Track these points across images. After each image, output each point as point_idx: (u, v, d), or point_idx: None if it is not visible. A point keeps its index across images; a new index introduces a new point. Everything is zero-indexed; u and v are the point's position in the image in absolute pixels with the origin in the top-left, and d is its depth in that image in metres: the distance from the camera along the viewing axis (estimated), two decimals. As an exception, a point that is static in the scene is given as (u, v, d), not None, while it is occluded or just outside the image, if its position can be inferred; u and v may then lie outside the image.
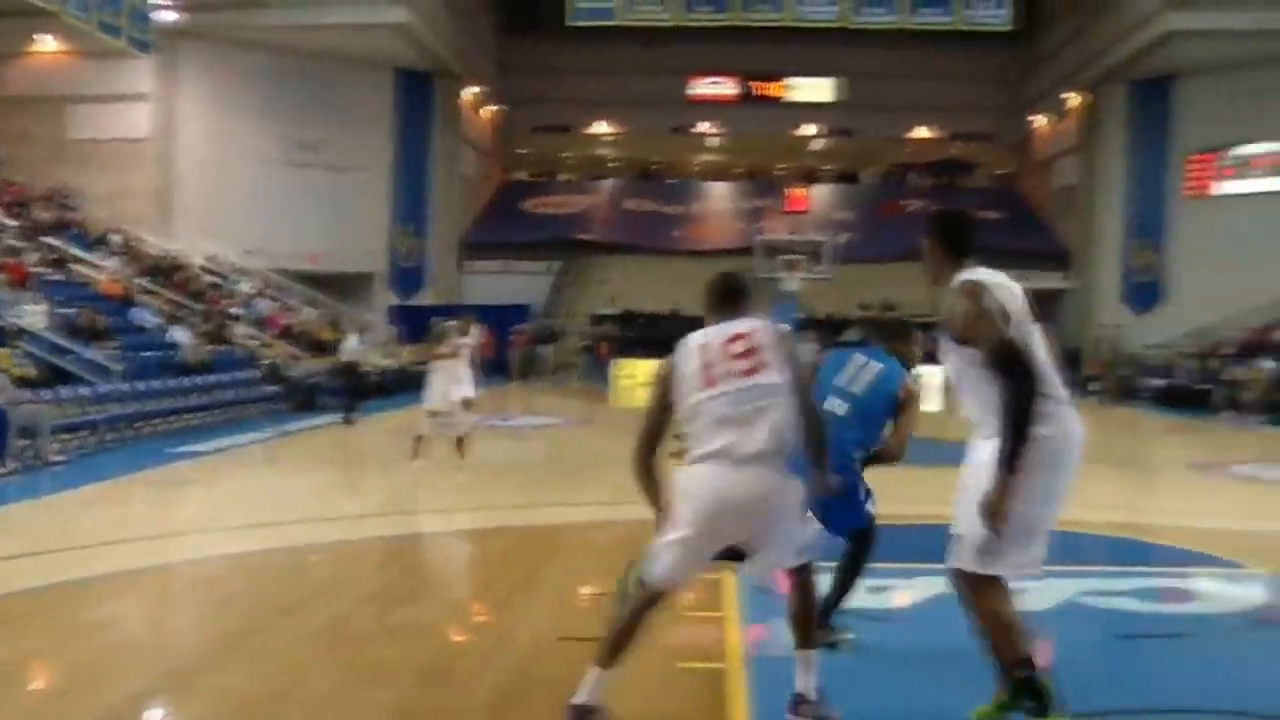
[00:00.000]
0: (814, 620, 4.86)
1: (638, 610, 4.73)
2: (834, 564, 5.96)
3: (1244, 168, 35.26)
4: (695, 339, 4.80)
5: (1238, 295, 32.10)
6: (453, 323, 14.19)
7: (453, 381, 13.50)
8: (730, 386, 4.59)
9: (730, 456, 4.55)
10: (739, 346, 4.65)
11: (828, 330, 36.47)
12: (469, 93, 41.19)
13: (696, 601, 7.40)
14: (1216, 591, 8.02)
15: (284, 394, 22.85)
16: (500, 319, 30.86)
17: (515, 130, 47.37)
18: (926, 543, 9.01)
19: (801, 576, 4.80)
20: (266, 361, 24.26)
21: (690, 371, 4.71)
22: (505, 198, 45.69)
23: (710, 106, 48.18)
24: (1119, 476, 13.74)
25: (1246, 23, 30.95)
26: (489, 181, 45.56)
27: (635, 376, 33.25)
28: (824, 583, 5.33)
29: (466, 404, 13.74)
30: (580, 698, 4.60)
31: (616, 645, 4.68)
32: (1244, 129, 34.58)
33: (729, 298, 4.90)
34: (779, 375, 4.59)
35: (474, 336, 14.33)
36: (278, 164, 34.63)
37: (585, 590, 7.80)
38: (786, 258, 31.96)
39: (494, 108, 44.92)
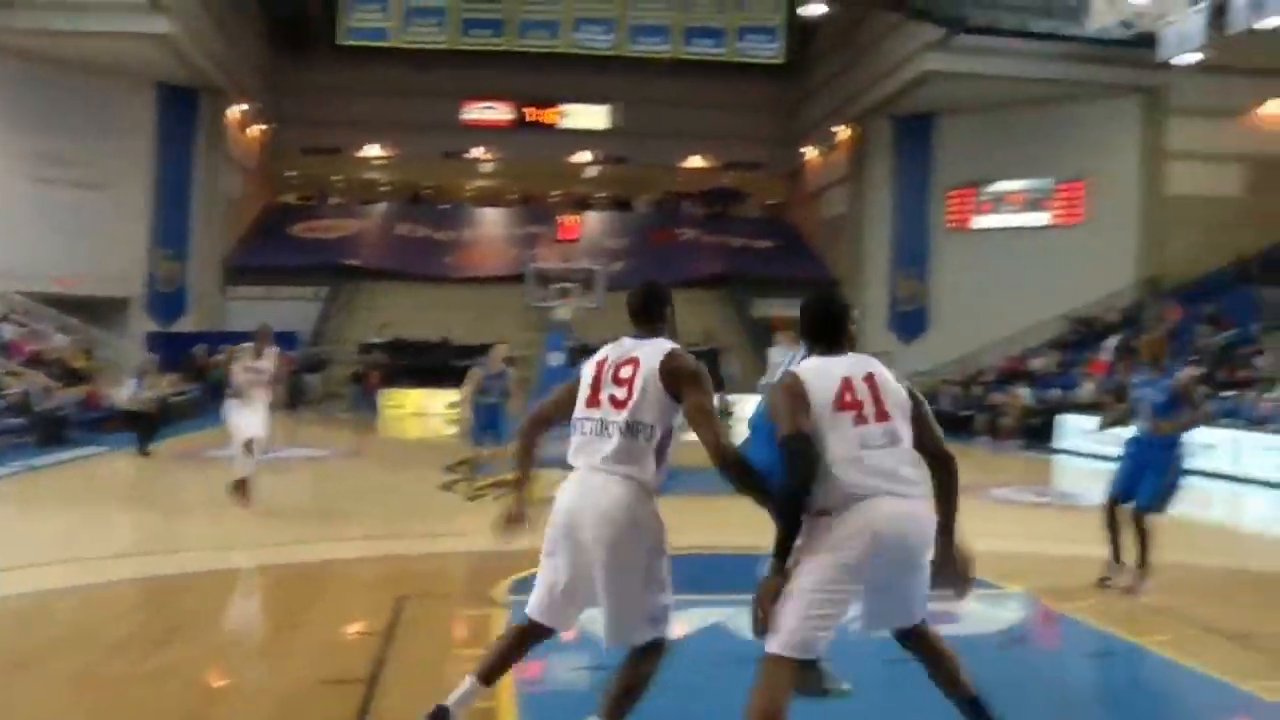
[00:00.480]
0: (630, 707, 4.61)
1: (508, 640, 4.76)
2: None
3: (999, 203, 37.26)
4: (603, 350, 4.74)
5: (996, 324, 33.94)
6: (246, 345, 12.69)
7: (246, 411, 12.32)
8: (606, 414, 4.56)
9: (589, 468, 4.55)
10: (626, 372, 4.58)
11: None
12: (235, 110, 40.04)
13: (464, 638, 7.32)
14: (977, 612, 8.36)
15: (29, 426, 21.66)
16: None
17: (284, 151, 46.31)
18: (702, 572, 9.12)
19: (644, 654, 4.60)
20: (14, 391, 22.95)
21: (584, 382, 4.68)
22: (272, 220, 44.58)
23: (484, 131, 48.08)
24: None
25: (997, 68, 32.77)
26: (255, 203, 44.32)
27: (404, 406, 32.92)
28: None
29: (249, 447, 12.40)
30: (450, 700, 4.55)
31: (491, 666, 4.67)
32: (998, 166, 36.60)
33: (642, 312, 4.80)
34: (651, 411, 4.52)
35: (271, 361, 12.62)
36: (23, 178, 32.75)
37: (352, 629, 7.60)
38: (558, 286, 32.12)
39: (262, 127, 43.82)
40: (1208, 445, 18.16)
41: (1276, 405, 20.87)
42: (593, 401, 4.61)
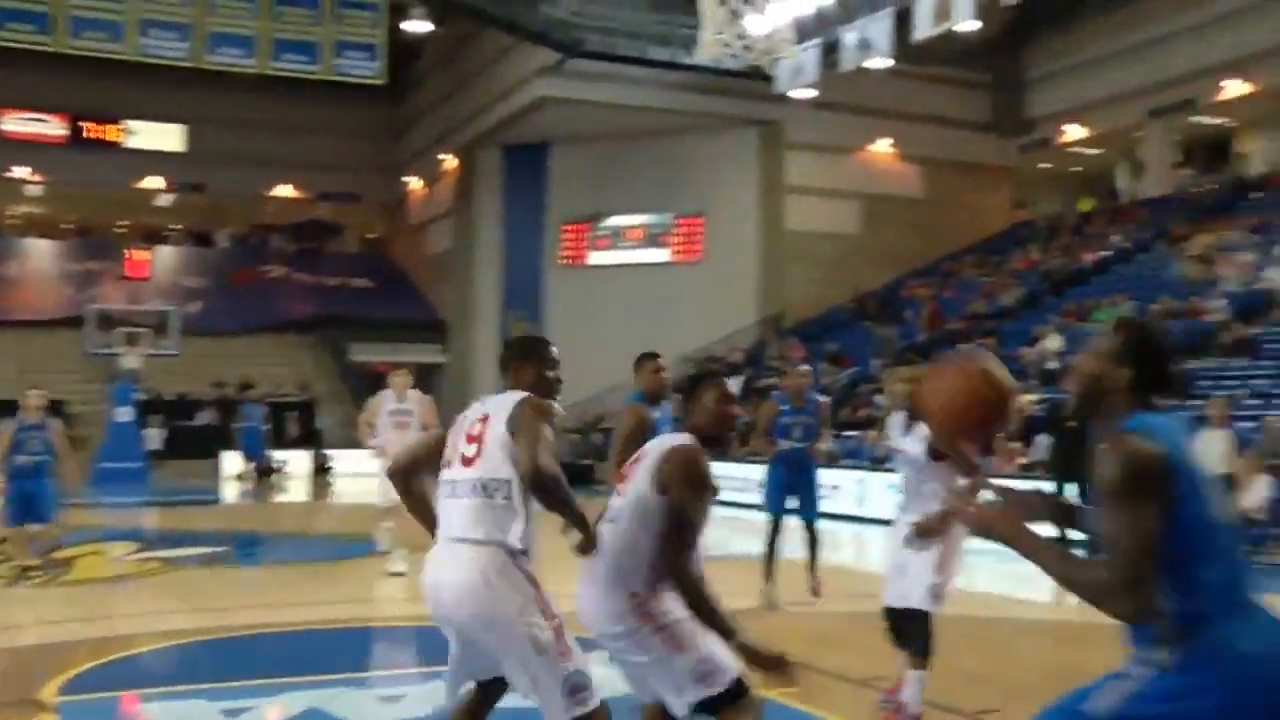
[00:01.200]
0: None
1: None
2: None
3: (617, 238, 38.29)
4: (471, 408, 4.86)
5: (617, 368, 34.42)
6: None
7: None
8: (456, 474, 4.61)
9: (444, 538, 4.59)
10: (476, 430, 4.66)
11: (178, 412, 35.58)
12: None
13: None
14: (594, 676, 8.49)
15: None
16: None
17: None
18: (296, 651, 8.89)
19: None
20: None
21: (450, 444, 4.76)
22: None
23: (30, 148, 44.83)
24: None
25: (613, 95, 33.81)
26: None
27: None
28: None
29: None
30: None
31: None
32: (616, 200, 37.59)
33: (506, 362, 5.15)
34: (504, 467, 4.55)
35: None
36: None
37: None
38: (126, 330, 30.75)
39: None
40: (833, 486, 19.26)
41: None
42: (448, 462, 4.68)
